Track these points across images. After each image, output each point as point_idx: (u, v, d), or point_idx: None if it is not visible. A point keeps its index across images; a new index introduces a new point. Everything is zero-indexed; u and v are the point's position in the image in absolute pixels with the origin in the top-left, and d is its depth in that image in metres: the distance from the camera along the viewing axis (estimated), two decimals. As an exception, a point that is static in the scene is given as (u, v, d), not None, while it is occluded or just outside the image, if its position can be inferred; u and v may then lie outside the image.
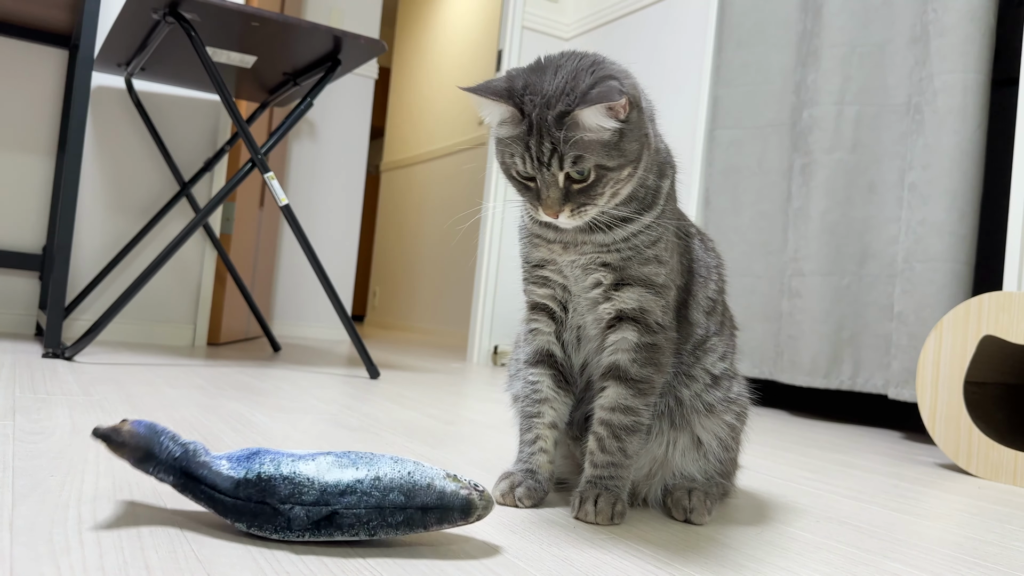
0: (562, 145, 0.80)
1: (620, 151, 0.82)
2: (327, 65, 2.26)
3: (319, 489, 0.69)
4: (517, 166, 0.84)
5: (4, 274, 2.50)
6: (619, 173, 0.83)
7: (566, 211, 0.83)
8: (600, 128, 0.81)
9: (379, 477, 0.71)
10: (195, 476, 0.71)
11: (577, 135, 0.80)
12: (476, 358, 3.32)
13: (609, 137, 0.81)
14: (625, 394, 0.90)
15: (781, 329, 2.36)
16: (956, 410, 1.55)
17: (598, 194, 0.83)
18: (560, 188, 0.82)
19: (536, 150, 0.82)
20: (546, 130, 0.81)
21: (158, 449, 0.71)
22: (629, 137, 0.83)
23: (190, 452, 0.72)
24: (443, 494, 0.72)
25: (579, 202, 0.83)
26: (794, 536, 0.92)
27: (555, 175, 0.82)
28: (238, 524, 0.70)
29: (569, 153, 0.80)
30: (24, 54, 2.53)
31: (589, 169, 0.81)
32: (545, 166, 0.82)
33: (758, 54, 2.51)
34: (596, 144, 0.81)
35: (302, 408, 1.55)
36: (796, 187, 2.34)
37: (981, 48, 1.99)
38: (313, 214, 3.96)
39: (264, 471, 0.70)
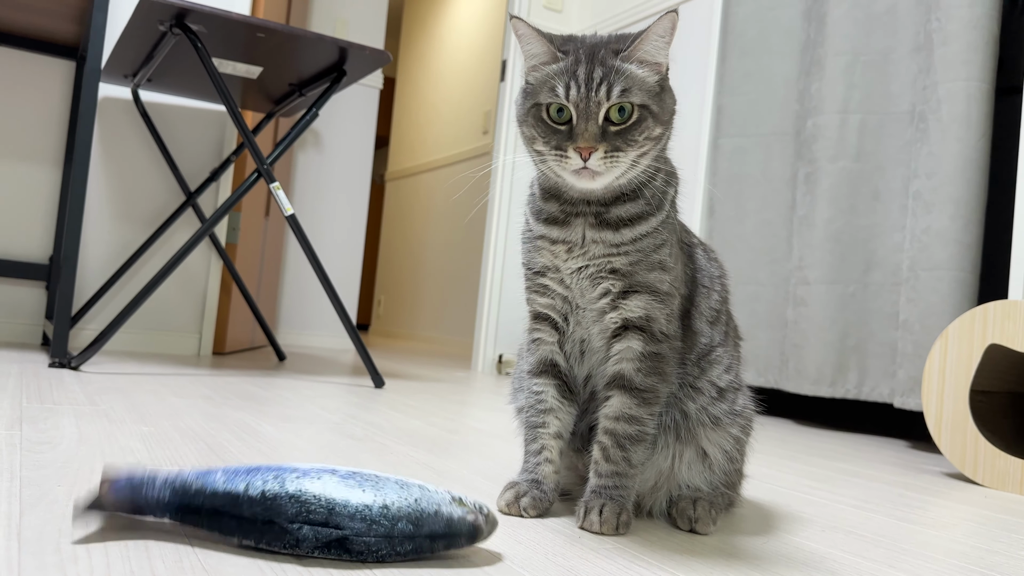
0: (613, 74, 0.82)
1: (660, 102, 0.85)
2: (332, 76, 2.27)
3: (326, 508, 0.69)
4: (558, 98, 0.83)
5: (11, 284, 2.51)
6: (654, 126, 0.85)
7: (600, 150, 0.82)
8: (654, 61, 0.84)
9: (387, 505, 0.70)
10: (193, 507, 0.70)
11: (631, 67, 0.83)
12: (480, 367, 3.32)
13: (655, 83, 0.85)
14: (630, 403, 0.90)
15: (786, 337, 2.36)
16: (962, 419, 1.54)
17: (634, 140, 0.83)
18: (599, 124, 0.83)
19: (585, 76, 0.83)
20: (598, 61, 0.83)
21: (145, 501, 0.70)
22: (666, 95, 0.86)
23: (178, 489, 0.70)
24: (451, 521, 0.72)
25: (614, 144, 0.83)
26: (800, 545, 0.92)
27: (599, 104, 0.82)
28: (246, 541, 0.70)
29: (619, 82, 0.82)
30: (32, 65, 2.55)
31: (633, 107, 0.83)
32: (592, 91, 0.82)
33: (762, 63, 2.52)
34: (644, 83, 0.84)
35: (307, 417, 1.55)
36: (800, 195, 2.34)
37: (985, 57, 1.99)
38: (318, 223, 3.97)
39: (268, 489, 0.69)
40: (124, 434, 1.19)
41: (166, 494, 0.70)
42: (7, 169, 2.53)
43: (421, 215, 5.60)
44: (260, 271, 3.26)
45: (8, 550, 0.65)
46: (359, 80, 2.38)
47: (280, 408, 1.64)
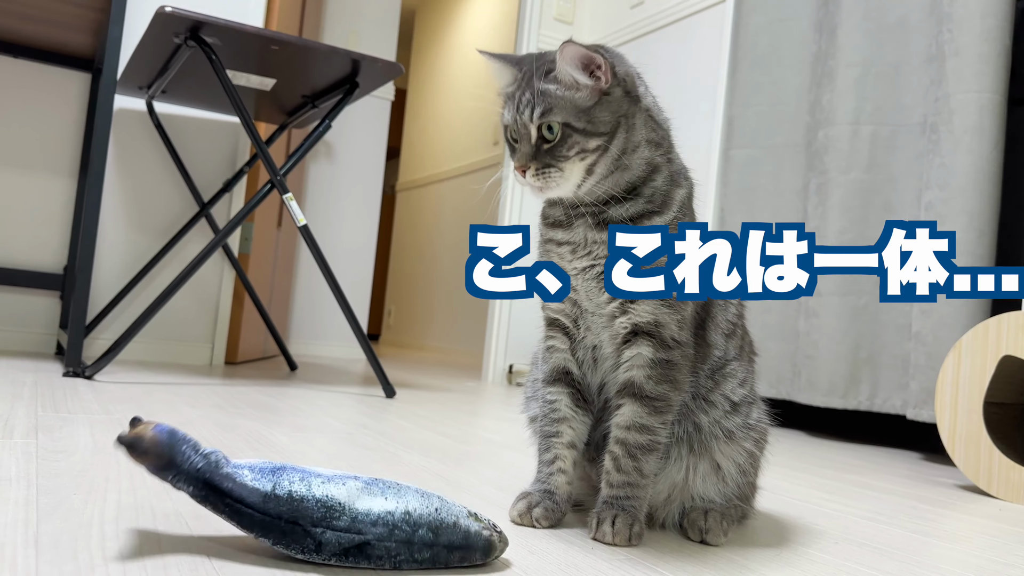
0: (537, 96, 0.87)
1: (590, 117, 0.87)
2: (345, 88, 2.28)
3: (350, 516, 0.69)
4: (505, 118, 0.90)
5: (25, 294, 2.53)
6: (585, 140, 0.86)
7: (532, 168, 0.87)
8: (572, 82, 0.87)
9: (409, 512, 0.71)
10: (219, 488, 0.69)
11: (553, 88, 0.87)
12: (491, 377, 3.32)
13: (582, 99, 0.87)
14: (641, 412, 0.90)
15: (798, 349, 2.35)
16: (976, 431, 1.53)
17: (562, 156, 0.86)
18: (531, 144, 0.87)
19: (518, 99, 0.88)
20: (530, 82, 0.88)
21: (180, 458, 0.70)
22: (604, 108, 0.88)
23: (212, 463, 0.70)
24: (468, 534, 0.74)
25: (544, 161, 0.87)
26: (813, 557, 0.92)
27: (527, 126, 0.87)
28: (262, 539, 0.70)
29: (540, 104, 0.86)
30: (49, 77, 2.58)
31: (557, 125, 0.86)
32: (520, 114, 0.88)
33: (773, 75, 2.52)
34: (568, 102, 0.86)
35: (319, 427, 1.56)
36: (812, 207, 2.34)
37: (997, 68, 1.99)
38: (330, 234, 3.98)
39: (296, 490, 0.70)
40: (138, 443, 1.20)
41: (199, 462, 0.70)
42: (23, 180, 2.55)
43: (432, 225, 5.62)
44: (272, 281, 3.27)
45: (26, 558, 0.65)
46: (372, 92, 2.39)
47: (292, 418, 1.65)
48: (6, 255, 2.53)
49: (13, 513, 0.77)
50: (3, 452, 1.04)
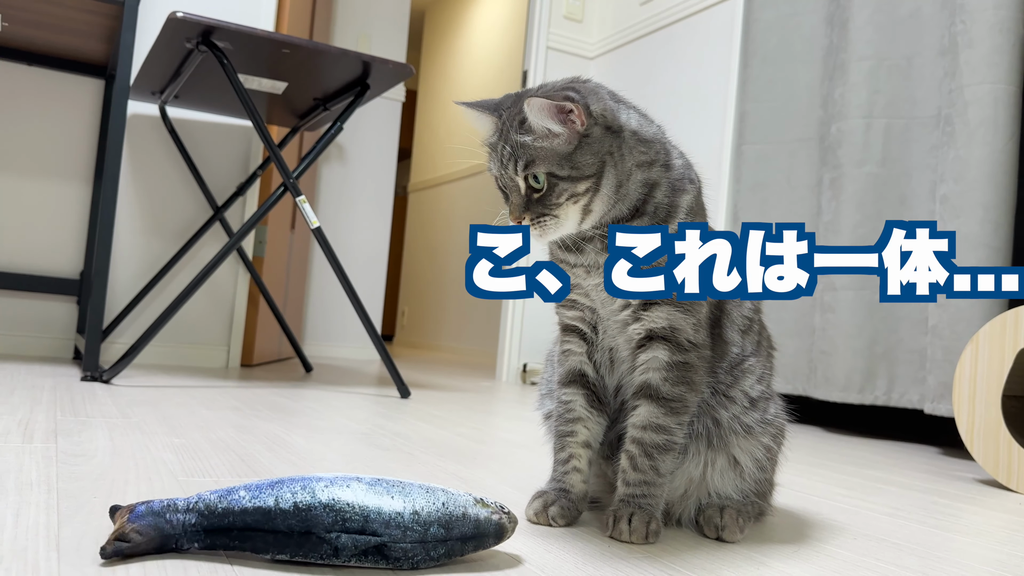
0: (517, 149, 0.85)
1: (572, 163, 0.85)
2: (356, 90, 2.29)
3: (362, 516, 0.69)
4: (492, 170, 0.89)
5: (43, 299, 2.55)
6: (573, 186, 0.85)
7: (526, 219, 0.86)
8: (547, 132, 0.84)
9: (417, 511, 0.71)
10: (221, 528, 0.69)
11: (530, 139, 0.85)
12: (505, 376, 3.32)
13: (562, 147, 0.85)
14: (657, 412, 0.90)
15: (814, 344, 2.34)
16: (994, 424, 1.52)
17: (553, 204, 0.85)
18: (522, 195, 0.86)
19: (500, 153, 0.87)
20: (508, 134, 0.86)
21: (170, 529, 0.68)
22: (586, 151, 0.85)
23: (203, 512, 0.69)
24: (478, 522, 0.74)
25: (537, 212, 0.86)
26: (831, 554, 0.92)
27: (514, 179, 0.86)
28: (280, 556, 0.69)
29: (522, 157, 0.85)
30: (62, 84, 2.60)
31: (542, 176, 0.85)
32: (504, 168, 0.86)
33: (784, 69, 2.51)
34: (548, 152, 0.85)
35: (335, 428, 1.56)
36: (826, 201, 2.33)
37: (1011, 59, 1.97)
38: (343, 236, 4.00)
39: (300, 500, 0.69)
40: (156, 446, 1.21)
41: (192, 519, 0.69)
42: (39, 186, 2.57)
43: (444, 226, 5.63)
44: (287, 284, 3.29)
45: (48, 561, 0.66)
46: (382, 93, 2.40)
47: (308, 419, 1.66)
48: (24, 261, 2.55)
49: (34, 517, 0.78)
50: (24, 456, 1.05)
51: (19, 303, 2.52)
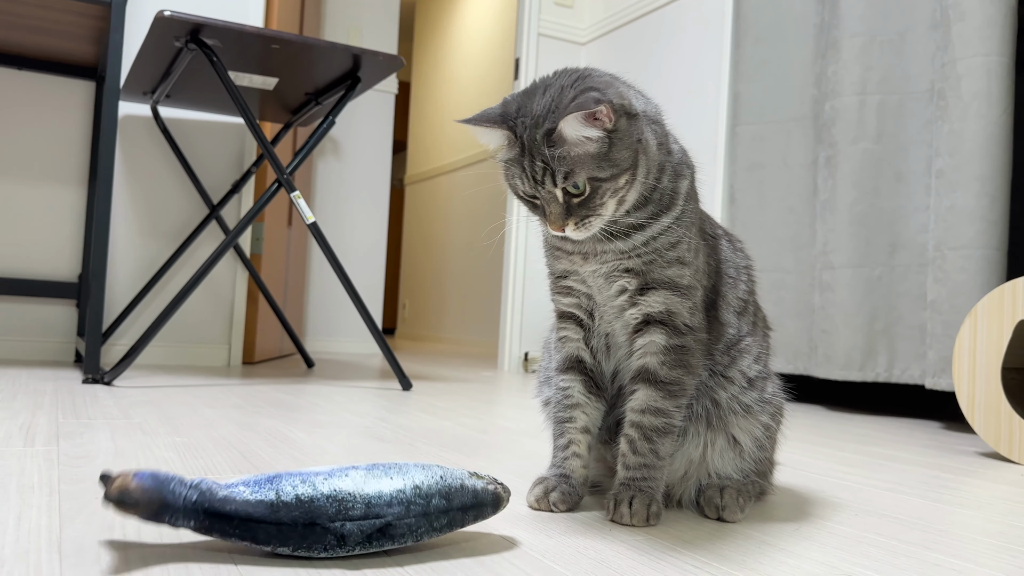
0: (552, 162, 0.82)
1: (611, 161, 0.83)
2: (347, 83, 2.28)
3: (363, 502, 0.70)
4: (519, 187, 0.86)
5: (42, 303, 2.56)
6: (615, 183, 0.84)
7: (571, 224, 0.84)
8: (583, 140, 0.82)
9: (418, 485, 0.73)
10: (222, 513, 0.68)
11: (563, 150, 0.82)
12: (507, 366, 3.33)
13: (596, 148, 0.82)
14: (655, 396, 0.90)
15: (814, 323, 2.34)
16: (995, 397, 1.52)
17: (597, 205, 0.84)
18: (560, 203, 0.84)
19: (530, 170, 0.83)
20: (536, 149, 0.83)
21: (172, 498, 0.68)
22: (619, 145, 0.83)
23: (205, 492, 0.69)
24: (476, 492, 0.76)
25: (581, 215, 0.84)
26: (833, 530, 0.92)
27: (551, 192, 0.83)
28: (280, 549, 0.69)
29: (560, 169, 0.82)
30: (53, 87, 2.59)
31: (583, 182, 0.82)
32: (540, 184, 0.83)
33: (777, 49, 2.50)
34: (585, 157, 0.82)
35: (337, 422, 1.57)
36: (822, 180, 2.33)
37: (1003, 30, 1.96)
38: (340, 230, 4.00)
39: (302, 493, 0.69)
40: (159, 446, 1.21)
41: (193, 495, 0.68)
42: (34, 191, 2.57)
43: (442, 217, 5.62)
44: (286, 280, 3.29)
45: (50, 563, 0.66)
46: (374, 86, 2.40)
47: (311, 414, 1.66)
48: (22, 266, 2.55)
49: (36, 519, 0.78)
50: (25, 460, 1.05)
51: (19, 308, 2.53)
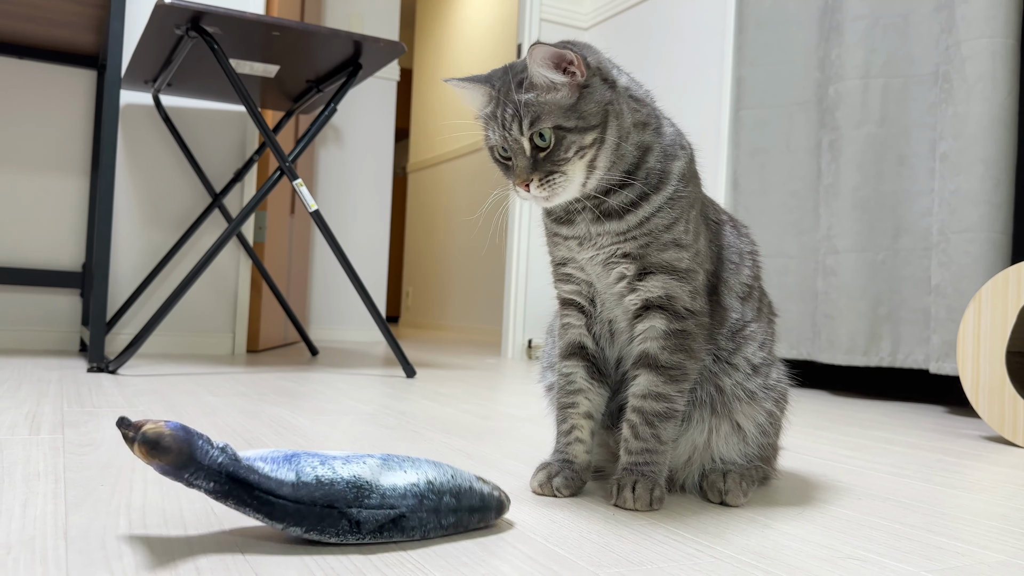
0: (521, 108, 0.84)
1: (578, 112, 0.84)
2: (349, 70, 2.28)
3: (379, 493, 0.70)
4: (491, 140, 0.87)
5: (46, 293, 2.56)
6: (580, 137, 0.84)
7: (535, 180, 0.85)
8: (550, 83, 0.84)
9: (431, 481, 0.73)
10: (245, 481, 0.67)
11: (533, 96, 0.84)
12: (511, 353, 3.33)
13: (565, 98, 0.84)
14: (656, 381, 0.90)
15: (817, 308, 2.34)
16: (999, 381, 1.52)
17: (562, 159, 0.84)
18: (527, 156, 0.85)
19: (501, 117, 0.85)
20: (508, 96, 0.85)
21: (199, 454, 0.66)
22: (587, 100, 0.85)
23: (231, 456, 0.67)
24: (483, 496, 0.77)
25: (546, 170, 0.85)
26: (836, 514, 0.92)
27: (519, 140, 0.85)
28: (292, 529, 0.68)
29: (527, 114, 0.84)
30: (55, 77, 2.59)
31: (549, 132, 0.84)
32: (508, 131, 0.85)
33: (780, 32, 2.49)
34: (552, 105, 0.84)
35: (341, 410, 1.57)
36: (825, 164, 2.32)
37: (1008, 12, 1.95)
38: (343, 218, 3.99)
39: (322, 475, 0.68)
40: (163, 433, 1.21)
41: (219, 457, 0.67)
42: (37, 181, 2.57)
43: (444, 205, 5.61)
44: (289, 268, 3.29)
45: (56, 549, 0.67)
46: (375, 73, 2.39)
47: (315, 402, 1.66)
48: (26, 256, 2.55)
49: (42, 506, 0.79)
50: (31, 448, 1.06)
51: (23, 298, 2.53)
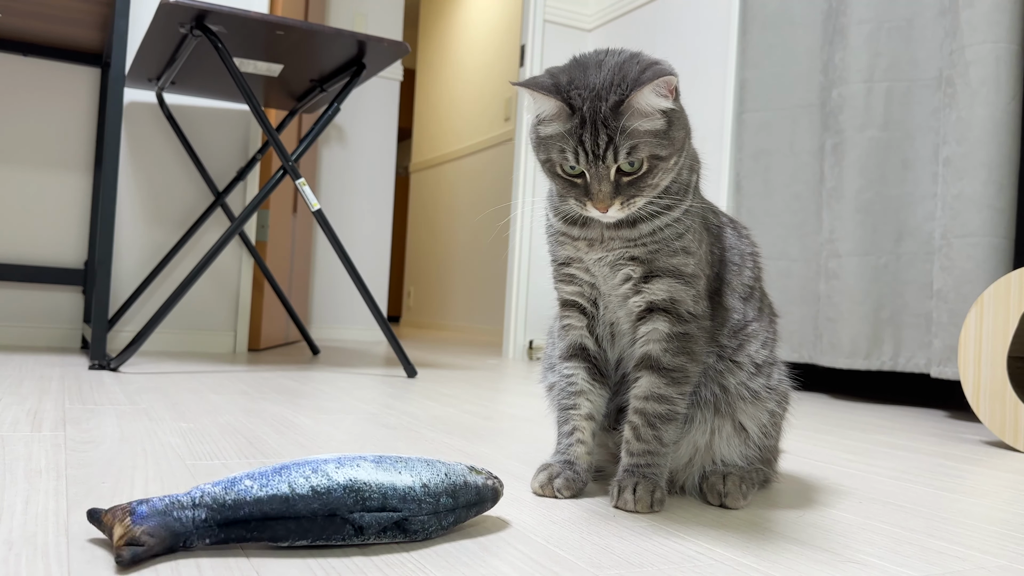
0: (618, 136, 0.81)
1: (670, 139, 0.83)
2: (352, 70, 2.28)
3: (380, 494, 0.69)
4: (568, 162, 0.83)
5: (49, 290, 2.57)
6: (667, 163, 0.84)
7: (616, 204, 0.83)
8: (654, 112, 0.82)
9: (426, 484, 0.73)
10: (237, 520, 0.66)
11: (633, 124, 0.81)
12: (512, 354, 3.33)
13: (660, 125, 0.82)
14: (659, 383, 0.90)
15: (819, 311, 2.34)
16: (1000, 386, 1.52)
17: (648, 185, 0.84)
18: (611, 182, 0.83)
19: (591, 143, 0.81)
20: (601, 122, 0.81)
21: (179, 527, 0.64)
22: (676, 125, 0.84)
23: (212, 506, 0.65)
24: (478, 488, 0.77)
25: (629, 194, 0.83)
26: (837, 518, 0.92)
27: (608, 168, 0.82)
28: (300, 542, 0.67)
29: (624, 144, 0.81)
30: (58, 74, 2.59)
31: (643, 160, 0.82)
32: (600, 159, 0.82)
33: (784, 35, 2.49)
34: (649, 134, 0.81)
35: (343, 409, 1.57)
36: (828, 167, 2.32)
37: (1012, 17, 1.95)
38: (345, 217, 4.00)
39: (317, 484, 0.68)
40: (164, 431, 1.22)
41: (201, 514, 0.65)
42: (40, 177, 2.58)
43: (447, 205, 5.61)
44: (291, 267, 3.29)
45: (58, 545, 0.67)
46: (379, 73, 2.39)
47: (316, 401, 1.67)
48: (28, 253, 2.56)
49: (44, 503, 0.79)
50: (33, 444, 1.06)
51: (25, 294, 2.54)
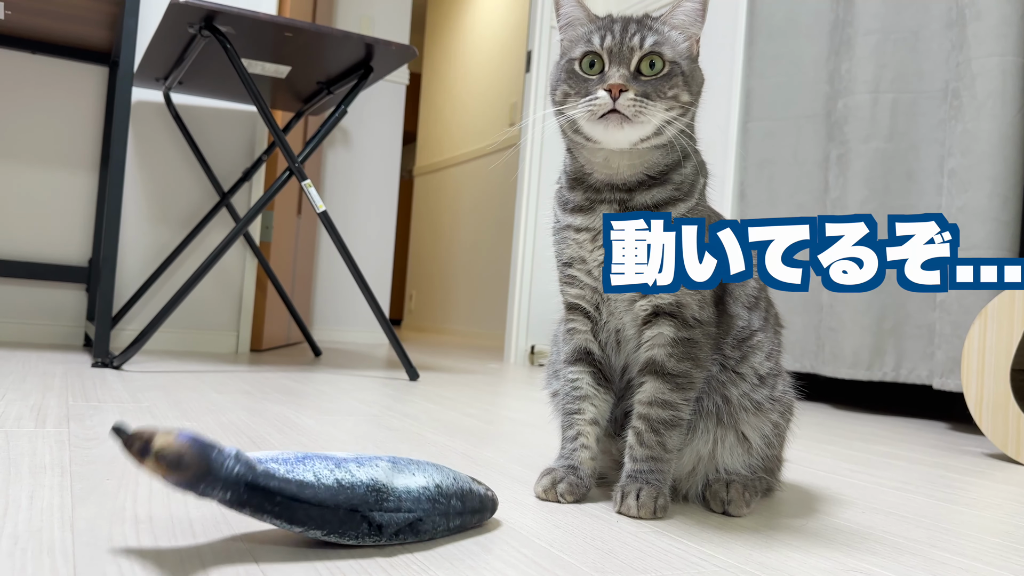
0: (647, 29, 0.86)
1: (692, 68, 0.88)
2: (359, 73, 2.28)
3: (395, 496, 0.70)
4: (592, 45, 0.87)
5: (53, 287, 2.57)
6: (684, 88, 0.86)
7: (630, 91, 0.84)
8: (687, 24, 0.88)
9: (439, 484, 0.73)
10: (265, 488, 0.63)
11: (665, 28, 0.88)
12: (513, 358, 3.33)
13: (685, 48, 0.88)
14: (663, 388, 0.90)
15: (822, 321, 2.34)
16: (1003, 399, 1.52)
17: (663, 92, 0.85)
18: (630, 69, 0.85)
19: (620, 28, 0.87)
20: (633, 21, 0.88)
21: (216, 466, 0.62)
22: (696, 68, 0.90)
23: (245, 464, 0.63)
24: (482, 497, 0.79)
25: (644, 90, 0.85)
26: (839, 527, 0.92)
27: (632, 51, 0.85)
28: (313, 532, 0.66)
29: (651, 34, 0.86)
30: (66, 72, 2.60)
31: (664, 61, 0.86)
32: (626, 39, 0.86)
33: (790, 45, 2.49)
34: (677, 44, 0.87)
35: (344, 410, 1.57)
36: (833, 177, 2.32)
37: (1020, 30, 1.95)
38: (349, 220, 4.00)
39: (341, 478, 0.67)
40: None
41: (236, 467, 0.62)
42: (46, 175, 2.58)
43: (450, 209, 5.62)
44: (294, 268, 3.29)
45: (63, 541, 0.67)
46: (386, 76, 2.39)
47: (318, 402, 1.67)
48: (32, 250, 2.56)
49: (49, 499, 0.79)
50: (37, 441, 1.06)
51: (29, 291, 2.54)
